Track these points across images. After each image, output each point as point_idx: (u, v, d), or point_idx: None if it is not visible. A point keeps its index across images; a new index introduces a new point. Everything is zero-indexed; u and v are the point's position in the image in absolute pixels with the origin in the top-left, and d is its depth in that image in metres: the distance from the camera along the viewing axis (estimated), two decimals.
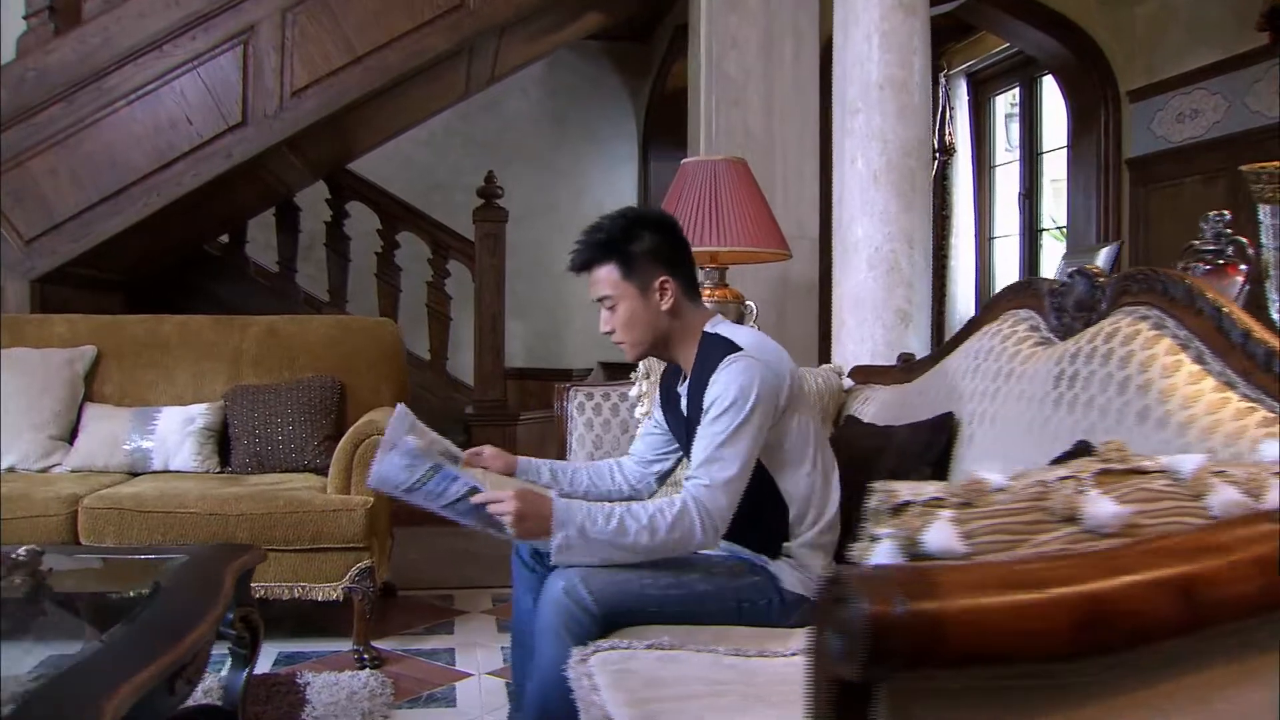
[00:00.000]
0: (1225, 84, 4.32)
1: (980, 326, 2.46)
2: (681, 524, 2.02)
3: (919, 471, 2.30)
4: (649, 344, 2.24)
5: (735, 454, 2.04)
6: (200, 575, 2.17)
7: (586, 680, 1.84)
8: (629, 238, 2.19)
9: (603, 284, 2.20)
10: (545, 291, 6.92)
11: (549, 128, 7.11)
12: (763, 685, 1.78)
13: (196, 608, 1.93)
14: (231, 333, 3.97)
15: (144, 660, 1.64)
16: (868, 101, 3.35)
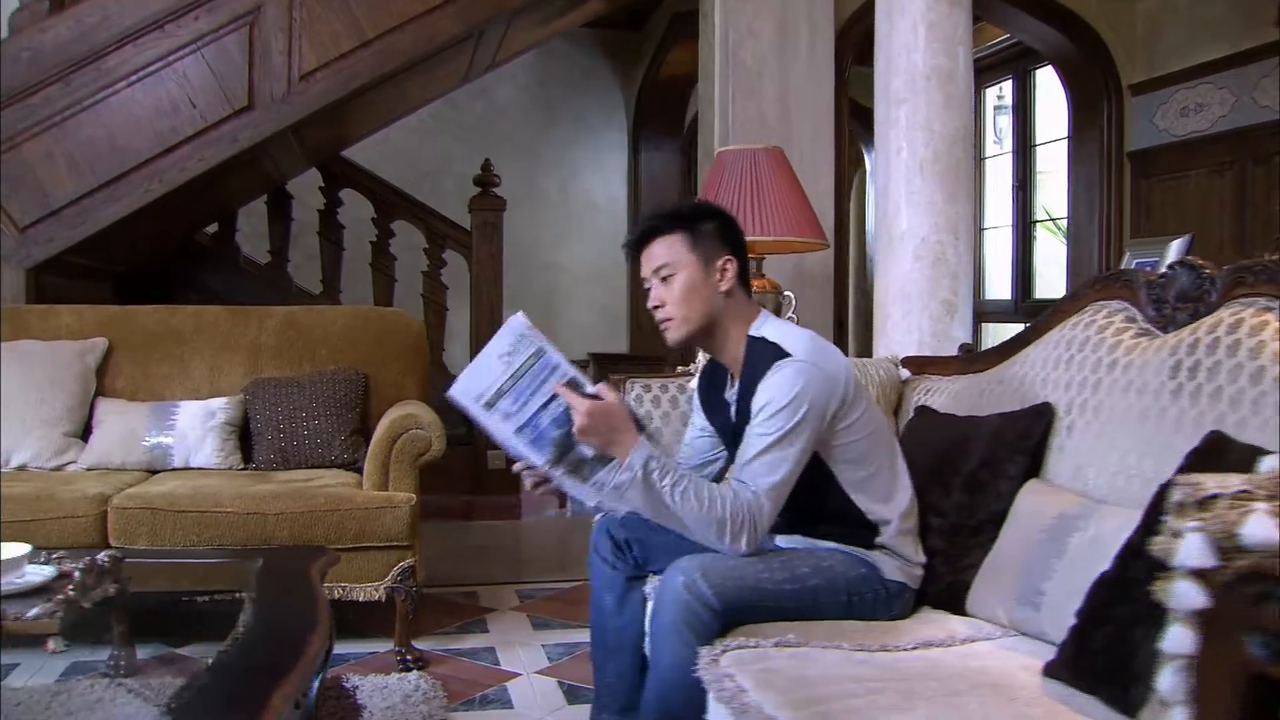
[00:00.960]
0: (1232, 79, 4.40)
1: (1064, 318, 2.45)
2: (736, 516, 1.99)
3: (1015, 461, 2.30)
4: (699, 324, 2.16)
5: (780, 460, 2.02)
6: (295, 581, 2.08)
7: (729, 681, 1.80)
8: (696, 216, 2.19)
9: (662, 254, 2.14)
10: (535, 282, 6.83)
11: (539, 116, 7.01)
12: (912, 681, 1.76)
13: (308, 615, 1.85)
14: (249, 324, 3.83)
15: (279, 675, 1.56)
16: (914, 91, 3.33)
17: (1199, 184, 4.59)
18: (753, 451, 2.05)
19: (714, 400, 2.36)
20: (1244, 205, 4.36)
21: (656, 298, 2.16)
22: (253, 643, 1.66)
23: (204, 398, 3.67)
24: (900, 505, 2.20)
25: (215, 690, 1.44)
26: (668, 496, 1.98)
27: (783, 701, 1.67)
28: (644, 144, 7.02)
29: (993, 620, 2.10)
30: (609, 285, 7.20)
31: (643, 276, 2.21)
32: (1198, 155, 4.60)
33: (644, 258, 2.18)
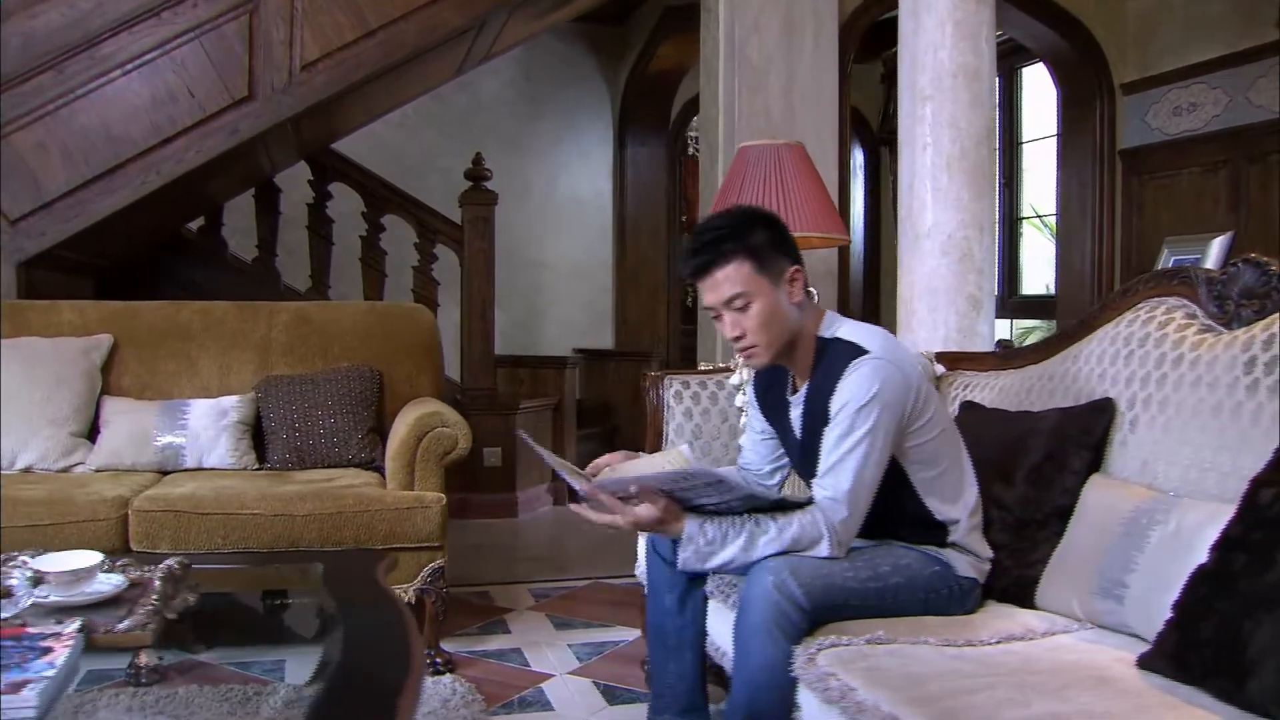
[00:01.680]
0: (1227, 79, 4.49)
1: (1116, 314, 2.47)
2: (810, 535, 2.01)
3: (1078, 455, 2.32)
4: (782, 344, 2.12)
5: (861, 463, 2.01)
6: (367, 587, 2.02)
7: (834, 680, 1.78)
8: (747, 232, 2.09)
9: (731, 283, 2.05)
10: (520, 278, 6.76)
11: (524, 110, 6.93)
12: (1015, 675, 1.75)
13: (399, 624, 1.79)
14: (258, 320, 3.74)
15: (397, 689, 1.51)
16: (940, 89, 3.34)
17: (1192, 182, 4.68)
18: (834, 455, 2.04)
19: (773, 402, 2.33)
20: (1239, 204, 4.46)
21: (735, 327, 2.08)
22: (359, 655, 1.60)
23: (214, 396, 3.58)
24: (969, 503, 2.20)
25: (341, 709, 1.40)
26: (739, 551, 2.00)
27: (900, 699, 1.66)
28: (630, 139, 6.98)
29: (1066, 613, 2.11)
30: (594, 281, 7.16)
31: (708, 305, 2.12)
32: (1190, 154, 4.69)
33: (707, 287, 2.08)
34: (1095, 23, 4.99)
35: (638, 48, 6.71)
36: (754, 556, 2.00)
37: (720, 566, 2.03)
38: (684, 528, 2.01)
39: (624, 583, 4.20)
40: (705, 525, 2.01)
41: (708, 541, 2.01)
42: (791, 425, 2.25)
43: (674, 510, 2.01)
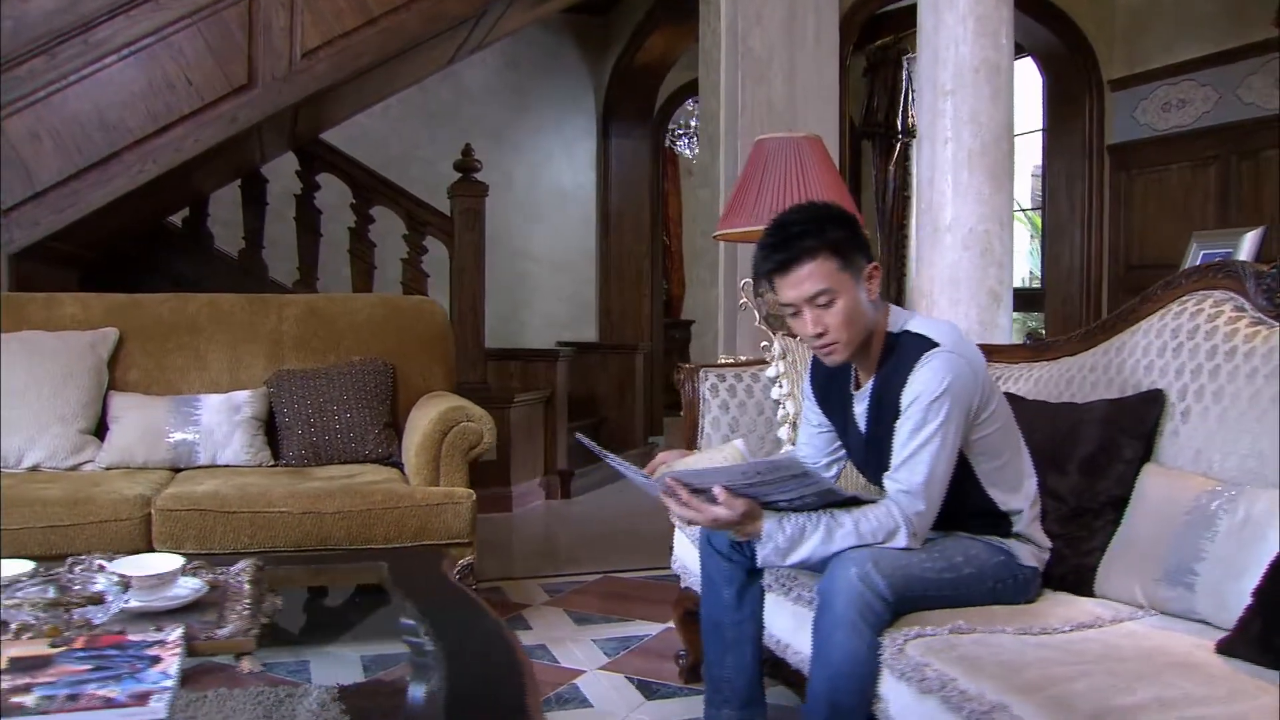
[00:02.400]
0: (1216, 76, 4.59)
1: (1158, 307, 2.51)
2: (886, 528, 2.02)
3: (1130, 445, 2.35)
4: (860, 341, 2.12)
5: (934, 456, 2.03)
6: (446, 585, 1.98)
7: (929, 670, 1.79)
8: (827, 228, 2.08)
9: (815, 280, 2.03)
10: (503, 270, 6.69)
11: (507, 101, 6.86)
12: (1105, 662, 1.77)
13: (493, 625, 1.77)
14: (268, 313, 3.66)
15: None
16: (961, 84, 3.36)
17: (1181, 177, 4.78)
18: (907, 448, 2.04)
19: (834, 397, 2.33)
20: (1229, 199, 4.56)
21: (817, 324, 2.06)
22: (465, 664, 1.57)
23: (224, 391, 3.50)
24: (1029, 493, 2.22)
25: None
26: (818, 545, 2.00)
27: (1005, 688, 1.66)
28: (614, 130, 6.94)
29: (1128, 600, 2.14)
30: (578, 274, 7.11)
31: (786, 301, 2.10)
32: (1180, 150, 4.79)
33: (789, 283, 2.06)
34: (1085, 19, 5.07)
35: (624, 39, 6.68)
36: (832, 550, 2.00)
37: (799, 562, 2.03)
38: (762, 526, 2.01)
39: (634, 576, 4.20)
40: (783, 522, 2.01)
41: (786, 538, 2.01)
42: (855, 420, 2.25)
43: (754, 510, 2.00)
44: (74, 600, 1.49)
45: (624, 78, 6.78)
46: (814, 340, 2.11)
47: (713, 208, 4.80)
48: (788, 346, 2.98)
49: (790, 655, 2.28)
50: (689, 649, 3.00)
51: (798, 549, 2.01)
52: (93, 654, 1.41)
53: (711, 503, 2.01)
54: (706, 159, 4.87)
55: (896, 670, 1.87)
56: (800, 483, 1.97)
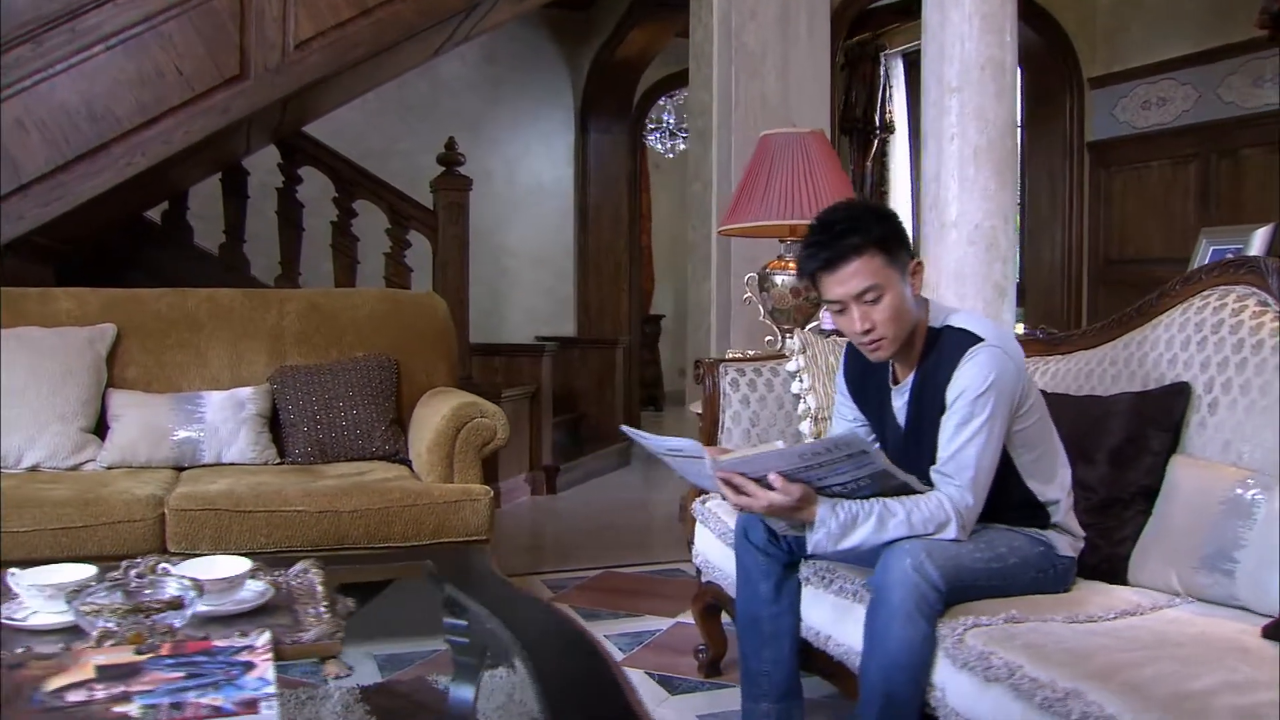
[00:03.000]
0: (1196, 75, 4.69)
1: (1177, 302, 2.56)
2: (937, 519, 2.04)
3: (1157, 437, 2.39)
4: (906, 337, 2.14)
5: (981, 449, 2.05)
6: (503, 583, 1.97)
7: (995, 658, 1.81)
8: (872, 225, 2.09)
9: (862, 277, 2.05)
10: (481, 264, 6.62)
11: (484, 95, 6.80)
12: (1164, 648, 1.80)
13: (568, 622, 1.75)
14: (268, 308, 3.60)
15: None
16: (967, 81, 3.40)
17: (1161, 174, 4.89)
18: (954, 442, 2.06)
19: (870, 391, 2.35)
20: (1209, 196, 4.67)
21: (865, 320, 2.07)
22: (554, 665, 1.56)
23: (225, 387, 3.43)
24: (1064, 484, 2.26)
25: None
26: (870, 533, 2.01)
27: (1076, 675, 1.68)
28: (592, 125, 6.92)
29: (1164, 588, 2.18)
30: (556, 268, 7.08)
31: (833, 299, 2.11)
32: (1160, 147, 4.89)
33: (835, 280, 2.07)
34: (1067, 17, 5.15)
35: (603, 34, 6.66)
36: (884, 539, 2.02)
37: (850, 549, 2.04)
38: (817, 512, 2.01)
39: (635, 571, 4.19)
40: (837, 509, 2.01)
41: (840, 524, 2.01)
42: (893, 414, 2.27)
43: (810, 495, 2.01)
44: (153, 605, 1.45)
45: (603, 73, 6.76)
46: (861, 337, 2.12)
47: (705, 202, 4.81)
48: (807, 341, 3.00)
49: (832, 647, 2.29)
50: (709, 643, 3.01)
51: (850, 535, 2.01)
52: (182, 661, 1.37)
53: (766, 489, 2.02)
54: (698, 153, 4.88)
55: (958, 660, 1.89)
56: (856, 463, 1.97)
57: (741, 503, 2.04)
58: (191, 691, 1.30)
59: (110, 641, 1.39)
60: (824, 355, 2.97)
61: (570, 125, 7.05)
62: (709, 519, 2.87)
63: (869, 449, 1.95)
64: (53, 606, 1.62)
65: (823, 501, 2.02)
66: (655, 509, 5.40)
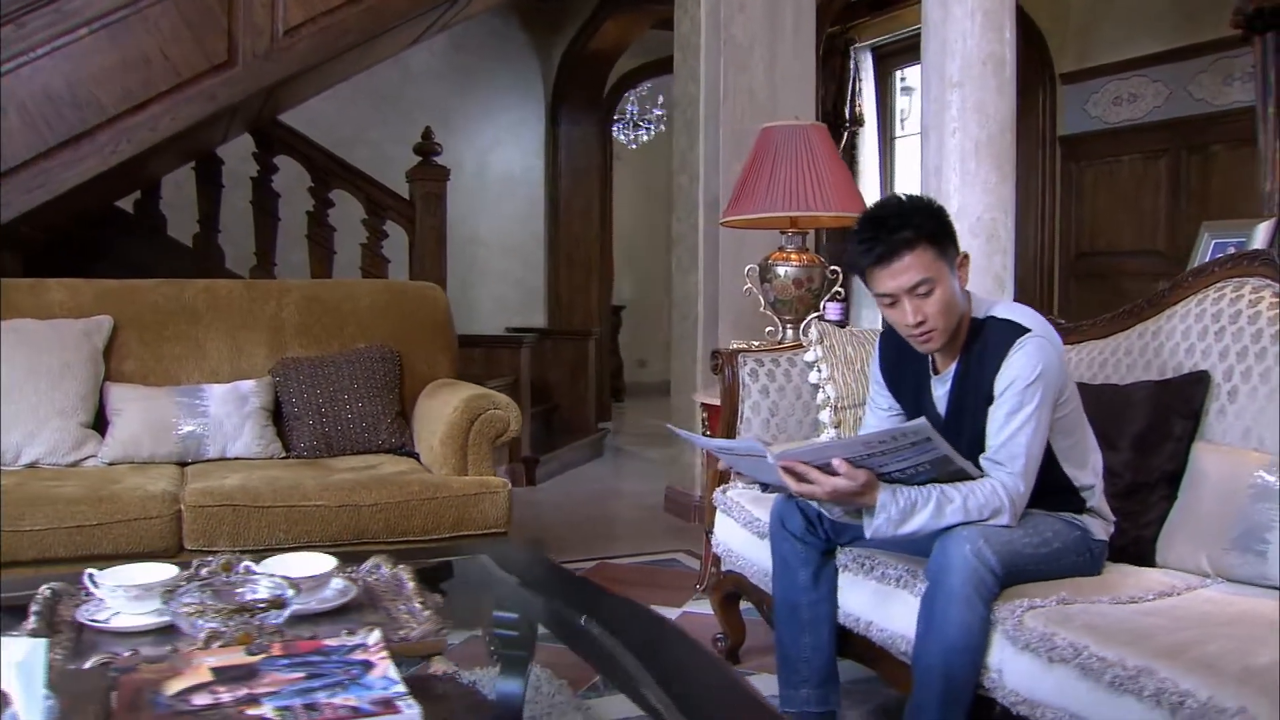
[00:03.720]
0: (1167, 72, 4.83)
1: (1190, 293, 2.64)
2: (992, 505, 2.08)
3: (1179, 424, 2.47)
4: (954, 328, 2.18)
5: (1031, 437, 2.10)
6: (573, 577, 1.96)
7: (1058, 638, 1.85)
8: (922, 219, 2.13)
9: (915, 270, 2.09)
10: (453, 256, 6.55)
11: (454, 84, 6.73)
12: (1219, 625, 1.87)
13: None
14: (268, 299, 3.53)
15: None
16: (969, 76, 3.46)
17: (1132, 169, 5.02)
18: (1005, 430, 2.10)
19: (909, 381, 2.38)
20: (1179, 190, 4.81)
21: (917, 313, 2.10)
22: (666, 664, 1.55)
23: (225, 380, 3.36)
24: (1097, 469, 2.32)
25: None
26: (929, 518, 2.05)
27: (1143, 652, 1.73)
28: (564, 116, 6.88)
29: (1194, 569, 2.25)
30: (526, 259, 7.04)
31: (885, 292, 2.14)
32: (1131, 142, 5.02)
33: (888, 274, 2.10)
34: (1040, 13, 5.26)
35: (576, 23, 6.62)
36: (941, 524, 2.05)
37: (909, 533, 2.07)
38: (878, 497, 2.04)
39: (630, 562, 4.20)
40: (897, 494, 2.04)
41: (900, 510, 2.04)
42: (934, 403, 2.31)
43: (873, 480, 2.04)
44: (258, 605, 1.42)
45: (575, 64, 6.73)
46: (912, 329, 2.15)
47: (691, 194, 4.82)
48: (825, 331, 3.03)
49: (874, 632, 2.32)
50: (728, 632, 3.04)
51: (909, 521, 2.05)
52: (298, 661, 1.35)
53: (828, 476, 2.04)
54: (684, 146, 4.89)
55: (1019, 641, 1.93)
56: (920, 449, 2.00)
57: (805, 490, 2.07)
58: (320, 692, 1.28)
59: (218, 643, 1.36)
60: (842, 346, 3.00)
61: (540, 116, 7.01)
62: (732, 509, 2.89)
63: (933, 435, 1.98)
64: (136, 607, 1.57)
65: (883, 487, 2.05)
66: (639, 500, 5.41)
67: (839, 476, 2.02)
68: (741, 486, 2.97)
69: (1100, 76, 5.16)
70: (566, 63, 6.77)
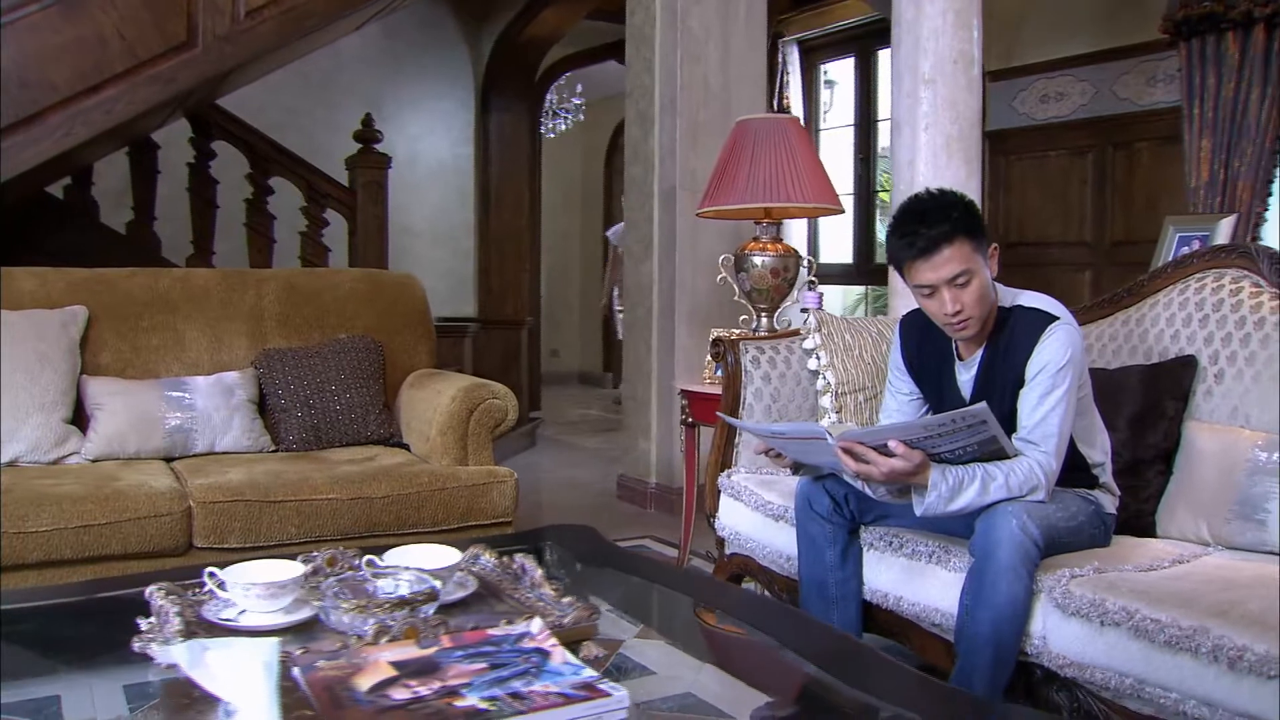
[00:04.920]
0: (1093, 73, 5.09)
1: (1170, 283, 2.83)
2: (1030, 482, 2.21)
3: (1170, 404, 2.65)
4: (987, 316, 2.29)
5: (1063, 418, 2.24)
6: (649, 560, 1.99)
7: (1109, 603, 1.97)
8: (957, 212, 2.23)
9: (954, 262, 2.19)
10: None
11: (384, 70, 6.58)
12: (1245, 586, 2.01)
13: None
14: (245, 289, 3.43)
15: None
16: (941, 73, 3.61)
17: (1059, 164, 5.29)
18: (1038, 411, 2.23)
19: (927, 365, 2.50)
20: (1105, 184, 5.09)
21: (955, 303, 2.21)
22: None
23: (206, 373, 3.26)
24: (1105, 447, 2.47)
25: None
26: (975, 495, 2.14)
27: (1193, 613, 1.85)
28: (494, 103, 6.81)
29: (1195, 538, 2.43)
30: (456, 247, 6.95)
31: (924, 284, 2.24)
32: (1057, 139, 5.28)
33: (928, 266, 2.20)
34: None
35: (509, 11, 6.56)
36: (986, 500, 2.16)
37: (958, 509, 2.16)
38: (930, 476, 2.14)
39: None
40: (946, 474, 2.14)
41: (949, 488, 2.14)
42: (958, 388, 2.42)
43: (926, 461, 2.13)
44: (416, 598, 1.41)
45: (507, 51, 6.67)
46: (950, 318, 2.26)
47: (646, 183, 4.87)
48: (823, 319, 3.13)
49: (905, 606, 2.42)
50: None
51: (959, 498, 2.15)
52: (473, 652, 1.35)
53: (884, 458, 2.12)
54: (637, 136, 4.92)
55: (1068, 608, 2.05)
56: (973, 431, 2.10)
57: (863, 470, 2.15)
58: (514, 681, 1.29)
59: (386, 638, 1.35)
60: (840, 333, 3.10)
61: (470, 103, 6.93)
62: (741, 493, 2.96)
63: (989, 418, 2.09)
64: (267, 605, 1.54)
65: (934, 467, 2.15)
66: (589, 488, 5.44)
67: (896, 458, 2.11)
68: (745, 471, 3.05)
69: (1027, 75, 5.41)
70: (499, 50, 6.71)
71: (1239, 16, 4.06)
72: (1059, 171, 5.29)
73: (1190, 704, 1.87)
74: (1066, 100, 5.25)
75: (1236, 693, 1.80)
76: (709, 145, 4.72)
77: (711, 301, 4.72)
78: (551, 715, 1.21)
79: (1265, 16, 4.03)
